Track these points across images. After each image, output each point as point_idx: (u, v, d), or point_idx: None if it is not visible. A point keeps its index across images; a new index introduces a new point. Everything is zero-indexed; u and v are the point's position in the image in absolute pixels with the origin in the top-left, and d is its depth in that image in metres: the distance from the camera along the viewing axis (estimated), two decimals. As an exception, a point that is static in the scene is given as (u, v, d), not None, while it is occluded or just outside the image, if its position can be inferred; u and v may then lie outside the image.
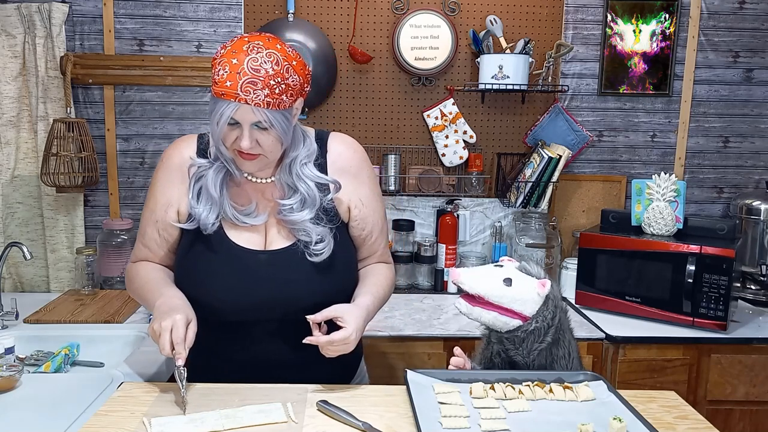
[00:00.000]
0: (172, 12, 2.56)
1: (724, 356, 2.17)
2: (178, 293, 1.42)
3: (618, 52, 2.69)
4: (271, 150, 1.38)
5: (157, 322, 1.31)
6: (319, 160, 1.49)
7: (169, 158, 1.51)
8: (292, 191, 1.46)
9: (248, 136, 1.34)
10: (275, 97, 1.31)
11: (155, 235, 1.50)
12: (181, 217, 1.47)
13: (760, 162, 2.80)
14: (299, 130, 1.46)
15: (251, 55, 1.30)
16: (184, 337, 1.30)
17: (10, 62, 2.46)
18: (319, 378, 1.42)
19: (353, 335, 1.35)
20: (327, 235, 1.44)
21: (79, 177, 2.43)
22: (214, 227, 1.43)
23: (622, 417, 1.19)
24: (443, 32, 2.58)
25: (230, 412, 1.26)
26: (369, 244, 1.56)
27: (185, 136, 1.55)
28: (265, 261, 1.43)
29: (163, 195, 1.49)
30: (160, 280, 1.47)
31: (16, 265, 2.54)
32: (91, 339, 1.96)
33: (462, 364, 1.45)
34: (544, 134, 2.69)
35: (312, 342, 1.35)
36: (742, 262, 2.53)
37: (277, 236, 1.46)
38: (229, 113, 1.31)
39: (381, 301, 1.52)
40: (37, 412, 1.40)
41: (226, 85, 1.30)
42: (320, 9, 2.59)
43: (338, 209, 1.50)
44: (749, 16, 2.70)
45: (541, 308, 1.35)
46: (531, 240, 2.62)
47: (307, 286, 1.43)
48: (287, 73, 1.32)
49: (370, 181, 1.55)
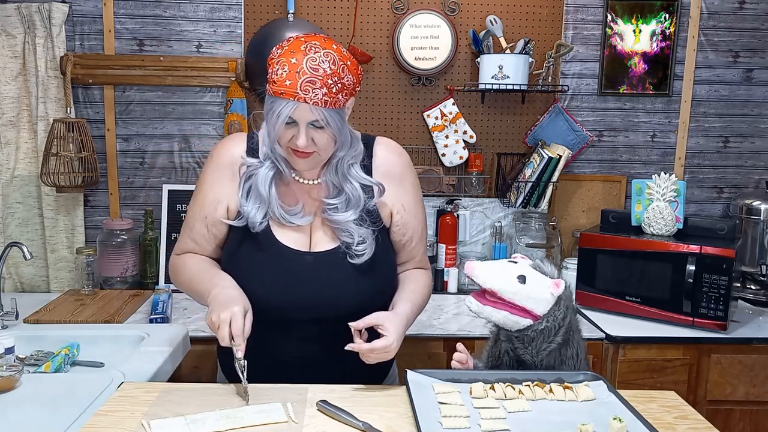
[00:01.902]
0: (172, 12, 2.56)
1: (724, 356, 2.17)
2: (231, 282, 1.43)
3: (618, 52, 2.69)
4: (325, 148, 1.40)
5: (215, 314, 1.32)
6: (365, 162, 1.50)
7: (220, 156, 1.52)
8: (337, 191, 1.47)
9: (305, 134, 1.35)
10: (332, 96, 1.33)
11: (203, 230, 1.51)
12: (230, 214, 1.49)
13: (760, 162, 2.80)
14: (348, 130, 1.46)
15: (309, 54, 1.32)
16: (242, 328, 1.31)
17: (10, 62, 2.46)
18: (352, 379, 1.42)
19: (394, 344, 1.36)
20: (369, 237, 1.46)
21: (79, 177, 2.43)
22: (262, 226, 1.44)
23: (622, 417, 1.19)
24: (443, 32, 2.58)
25: (230, 413, 1.26)
26: (408, 249, 1.58)
27: (235, 134, 1.56)
28: (311, 262, 1.45)
29: (212, 191, 1.50)
30: (210, 270, 1.48)
31: (16, 265, 2.54)
32: (91, 339, 1.95)
33: (464, 360, 1.44)
34: (544, 134, 2.69)
35: (354, 349, 1.36)
36: (742, 262, 2.54)
37: (323, 238, 1.48)
38: (288, 112, 1.33)
39: (419, 309, 1.54)
40: (37, 412, 1.40)
41: (285, 84, 1.31)
42: (320, 9, 2.59)
43: (381, 213, 1.51)
44: (749, 16, 2.70)
45: (553, 308, 1.34)
46: (531, 240, 2.63)
47: (349, 289, 1.44)
48: (343, 72, 1.35)
49: (413, 187, 1.57)
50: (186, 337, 1.96)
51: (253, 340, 1.39)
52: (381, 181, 1.49)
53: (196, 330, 2.07)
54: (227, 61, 2.55)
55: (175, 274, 1.57)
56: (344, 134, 1.42)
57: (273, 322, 1.45)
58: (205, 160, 2.63)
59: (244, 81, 2.56)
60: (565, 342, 1.37)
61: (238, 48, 2.59)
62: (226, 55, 2.59)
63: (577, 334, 1.41)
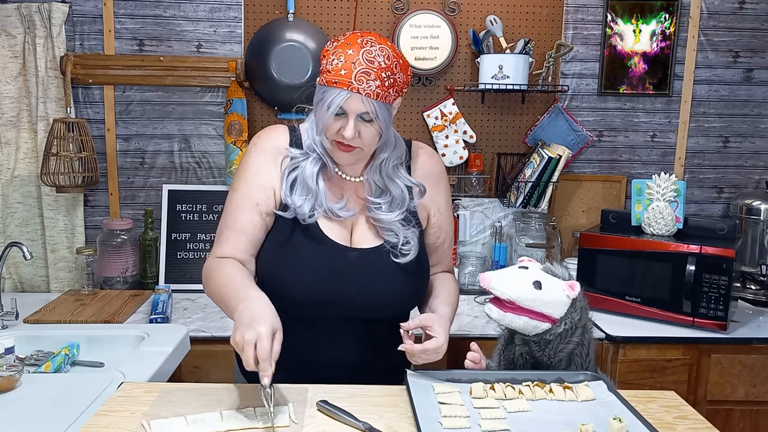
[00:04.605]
0: (172, 12, 2.56)
1: (724, 356, 2.17)
2: (262, 297, 1.30)
3: (618, 52, 2.69)
4: (370, 143, 1.40)
5: (239, 334, 1.19)
6: (407, 163, 1.52)
7: (264, 143, 1.49)
8: (380, 191, 1.48)
9: (353, 126, 1.35)
10: (384, 89, 1.35)
11: (257, 218, 1.44)
12: (275, 203, 1.46)
13: (760, 162, 2.80)
14: (393, 131, 1.47)
15: (366, 47, 1.34)
16: (269, 351, 1.17)
17: (10, 62, 2.46)
18: (378, 379, 1.42)
19: (444, 345, 1.37)
20: (414, 238, 1.47)
21: (79, 177, 2.43)
22: (313, 219, 1.43)
23: (622, 417, 1.19)
24: (443, 32, 2.58)
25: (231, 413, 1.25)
26: (440, 252, 1.60)
27: (275, 126, 1.53)
28: (355, 258, 1.45)
29: (257, 178, 1.46)
30: (242, 280, 1.36)
31: (16, 265, 2.54)
32: (91, 339, 1.95)
33: (478, 360, 1.45)
34: (544, 134, 2.69)
35: (407, 349, 1.36)
36: (742, 262, 2.54)
37: (365, 235, 1.48)
38: (340, 101, 1.33)
39: (455, 313, 1.55)
40: (37, 412, 1.40)
41: (340, 74, 1.33)
42: (320, 9, 2.59)
43: (419, 214, 1.52)
44: (749, 16, 2.70)
45: (569, 310, 1.35)
46: (531, 240, 2.62)
47: (389, 287, 1.45)
48: (396, 69, 1.37)
49: (446, 191, 1.60)
50: (186, 337, 1.96)
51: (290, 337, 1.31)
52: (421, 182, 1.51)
53: (196, 330, 2.07)
54: (227, 61, 2.55)
55: (205, 278, 1.45)
56: (389, 132, 1.43)
57: (305, 318, 1.45)
58: (204, 160, 2.64)
59: (244, 81, 2.56)
60: (579, 342, 1.38)
61: (238, 48, 2.59)
62: (226, 55, 2.59)
63: (588, 333, 1.42)
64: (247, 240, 1.44)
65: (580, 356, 1.40)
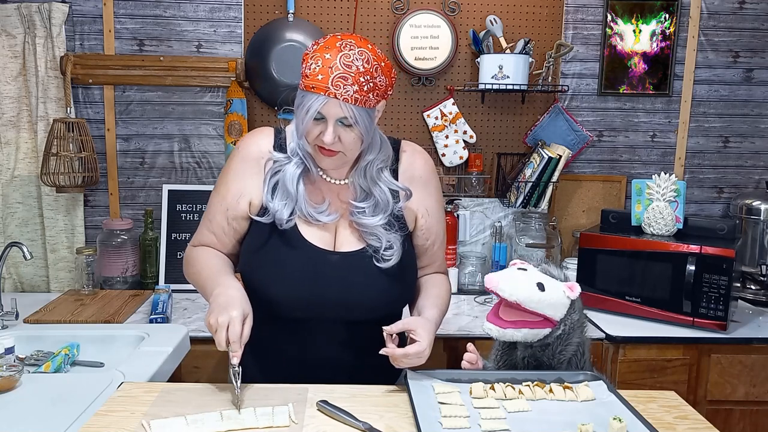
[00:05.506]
0: (172, 12, 2.56)
1: (724, 356, 2.17)
2: (236, 283, 1.40)
3: (618, 52, 2.69)
4: (351, 148, 1.39)
5: (213, 316, 1.30)
6: (393, 166, 1.51)
7: (247, 148, 1.50)
8: (365, 194, 1.47)
9: (332, 131, 1.35)
10: (363, 94, 1.33)
11: (224, 223, 1.50)
12: (253, 209, 1.47)
13: (760, 162, 2.80)
14: (378, 133, 1.46)
15: (344, 51, 1.33)
16: (240, 334, 1.29)
17: (10, 62, 2.46)
18: (367, 381, 1.42)
19: (427, 350, 1.36)
20: (396, 242, 1.46)
21: (79, 177, 2.43)
22: (290, 223, 1.44)
23: (622, 417, 1.19)
24: (443, 32, 2.58)
25: (231, 413, 1.25)
26: (430, 253, 1.59)
27: (262, 129, 1.54)
28: (336, 262, 1.45)
29: (235, 184, 1.48)
30: (219, 268, 1.45)
31: (16, 265, 2.54)
32: (91, 339, 1.95)
33: (475, 360, 1.45)
34: (544, 134, 2.69)
35: (387, 353, 1.35)
36: (742, 262, 2.53)
37: (348, 238, 1.47)
38: (317, 107, 1.33)
39: (443, 315, 1.54)
40: (37, 412, 1.40)
41: (317, 79, 1.32)
42: (320, 9, 2.59)
43: (406, 217, 1.51)
44: (749, 16, 2.70)
45: (569, 311, 1.36)
46: (531, 240, 2.62)
47: (372, 291, 1.44)
48: (376, 72, 1.35)
49: (436, 192, 1.58)
50: (186, 337, 1.96)
51: (266, 339, 1.39)
52: (407, 184, 1.50)
53: (196, 330, 2.07)
54: (227, 61, 2.55)
55: (186, 265, 1.55)
56: (372, 136, 1.42)
57: (288, 321, 1.45)
58: (204, 160, 2.64)
59: (244, 81, 2.56)
60: (579, 342, 1.39)
61: (238, 48, 2.59)
62: (226, 55, 2.59)
63: (585, 333, 1.42)
64: (216, 240, 1.52)
65: (576, 356, 1.40)
